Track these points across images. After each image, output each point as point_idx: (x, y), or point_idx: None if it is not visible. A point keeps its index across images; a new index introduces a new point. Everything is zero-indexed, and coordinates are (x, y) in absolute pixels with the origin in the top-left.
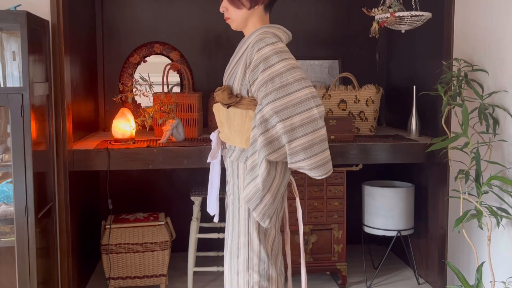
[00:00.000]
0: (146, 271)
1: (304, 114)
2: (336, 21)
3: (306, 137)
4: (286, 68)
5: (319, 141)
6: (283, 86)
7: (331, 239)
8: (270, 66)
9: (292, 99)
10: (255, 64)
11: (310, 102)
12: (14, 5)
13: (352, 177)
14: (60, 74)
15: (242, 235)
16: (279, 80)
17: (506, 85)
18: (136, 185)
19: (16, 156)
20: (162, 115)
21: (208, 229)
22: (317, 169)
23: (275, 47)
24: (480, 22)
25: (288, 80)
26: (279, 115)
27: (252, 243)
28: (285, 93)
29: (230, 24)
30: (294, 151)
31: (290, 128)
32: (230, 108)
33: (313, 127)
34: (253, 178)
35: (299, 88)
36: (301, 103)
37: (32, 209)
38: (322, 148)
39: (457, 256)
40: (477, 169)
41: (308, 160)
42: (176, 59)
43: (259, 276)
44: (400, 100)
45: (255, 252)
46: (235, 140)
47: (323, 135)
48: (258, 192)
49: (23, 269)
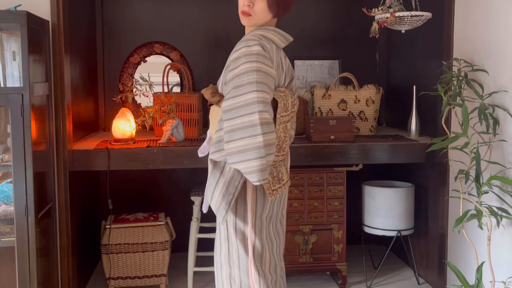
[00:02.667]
0: (146, 271)
1: (245, 118)
2: (336, 21)
3: (242, 140)
4: (246, 70)
5: (255, 148)
6: (236, 87)
7: (331, 239)
8: (236, 67)
9: (239, 101)
10: (227, 64)
11: (254, 106)
12: (14, 5)
13: (352, 177)
14: (60, 74)
15: (222, 230)
16: (236, 80)
17: (506, 85)
18: (136, 185)
19: (16, 156)
20: (162, 115)
21: (208, 229)
22: (251, 174)
23: (248, 50)
24: (480, 22)
25: (242, 82)
26: (225, 115)
27: (230, 238)
28: (236, 94)
29: (245, 19)
30: (230, 152)
31: (231, 129)
32: (213, 106)
33: (250, 132)
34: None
35: (249, 91)
36: (245, 106)
37: (32, 209)
38: (257, 155)
39: (457, 256)
40: (477, 169)
41: (242, 163)
42: (176, 59)
43: (239, 270)
44: (400, 100)
45: (234, 248)
46: None
47: (259, 142)
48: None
49: (23, 269)
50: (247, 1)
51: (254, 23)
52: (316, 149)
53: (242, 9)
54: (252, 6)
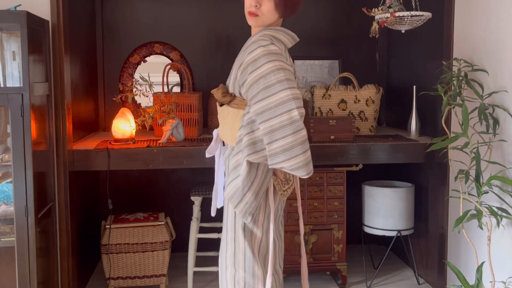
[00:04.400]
0: (146, 271)
1: (283, 116)
2: (336, 21)
3: (285, 139)
4: (271, 69)
5: (300, 143)
6: (266, 87)
7: (331, 239)
8: (257, 68)
9: (273, 100)
10: (245, 65)
11: (291, 103)
12: (14, 5)
13: (352, 177)
14: (60, 74)
15: (229, 230)
16: (263, 81)
17: (506, 85)
18: (136, 185)
19: (16, 156)
20: (162, 115)
21: (208, 229)
22: (299, 170)
23: (266, 49)
24: (480, 22)
25: (271, 82)
26: (260, 117)
27: (237, 239)
28: (267, 94)
29: (252, 20)
30: (274, 153)
31: (270, 130)
32: (224, 106)
33: (293, 129)
34: (235, 177)
35: (281, 90)
36: (281, 105)
37: (32, 209)
38: (303, 149)
39: (457, 256)
40: (477, 169)
41: (289, 161)
42: (176, 59)
43: (244, 272)
44: (400, 100)
45: (240, 249)
46: (227, 138)
47: (303, 137)
48: (238, 190)
49: (23, 269)
50: (254, 2)
51: (261, 23)
52: (316, 149)
53: (249, 10)
54: (259, 7)
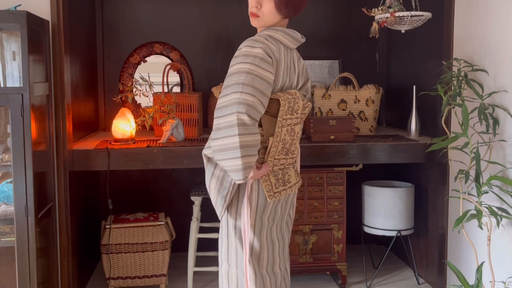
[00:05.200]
0: (146, 271)
1: (228, 117)
2: (336, 21)
3: (223, 139)
4: (238, 70)
5: (231, 148)
6: (226, 86)
7: (331, 239)
8: (231, 66)
9: (225, 100)
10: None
11: (234, 107)
12: (14, 5)
13: (352, 177)
14: (60, 74)
15: (223, 227)
16: (227, 80)
17: (506, 85)
18: (136, 185)
19: (16, 156)
20: (162, 115)
21: (208, 229)
22: (231, 173)
23: (248, 50)
24: (480, 22)
25: (230, 82)
26: (215, 112)
27: (229, 236)
28: (224, 93)
29: (253, 21)
30: (215, 150)
31: (216, 127)
32: None
33: (229, 132)
34: None
35: (232, 92)
36: (228, 106)
37: (32, 209)
38: (233, 155)
39: (457, 256)
40: (477, 169)
41: (224, 162)
42: (176, 59)
43: (236, 269)
44: (400, 100)
45: (232, 246)
46: None
47: (235, 143)
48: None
49: (23, 269)
50: (254, 2)
51: (262, 24)
52: (316, 149)
53: (251, 11)
54: (259, 8)
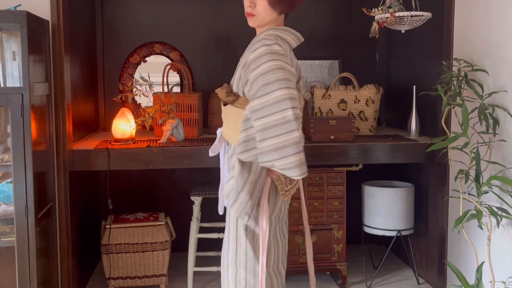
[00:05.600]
0: (146, 271)
1: (278, 115)
2: (336, 21)
3: (278, 138)
4: (271, 68)
5: (292, 143)
6: (264, 85)
7: (331, 239)
8: (258, 66)
9: (269, 98)
10: (248, 64)
11: (286, 103)
12: (14, 5)
13: (352, 177)
14: (60, 74)
15: (231, 229)
16: (262, 79)
17: (506, 85)
18: (136, 185)
19: (16, 156)
20: (162, 115)
21: (208, 229)
22: (290, 170)
23: (269, 48)
24: (480, 22)
25: (270, 80)
26: (256, 114)
27: (239, 238)
28: (264, 92)
29: (250, 21)
30: (265, 151)
31: (263, 128)
32: (227, 106)
33: (286, 129)
34: (232, 177)
35: (277, 88)
36: (276, 103)
37: (32, 209)
38: (295, 150)
39: (457, 256)
40: (477, 169)
41: (280, 160)
42: (176, 59)
43: (245, 271)
44: (400, 100)
45: (242, 248)
46: (231, 137)
47: (296, 138)
48: (233, 190)
49: (23, 269)
50: (248, 2)
51: (259, 23)
52: (316, 149)
53: (246, 11)
54: (254, 7)
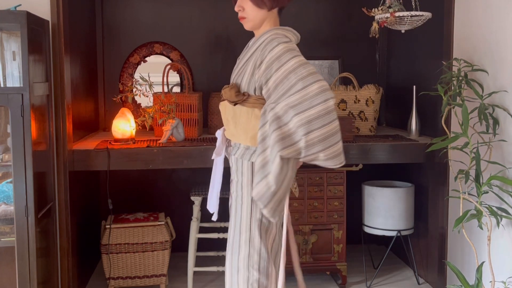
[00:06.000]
0: (146, 271)
1: (320, 106)
2: (336, 21)
3: (323, 128)
4: (299, 63)
5: (335, 132)
6: (300, 80)
7: (331, 239)
8: (283, 64)
9: (308, 91)
10: (268, 64)
11: (326, 94)
12: (14, 5)
13: (352, 177)
14: (60, 74)
15: (243, 231)
16: (294, 75)
17: (506, 85)
18: (136, 185)
19: (16, 156)
20: (162, 115)
21: (208, 229)
22: (334, 159)
23: (287, 46)
24: (480, 22)
25: (303, 74)
26: (295, 109)
27: (253, 240)
28: (301, 86)
29: (244, 24)
30: (311, 143)
31: (307, 121)
32: (237, 106)
33: (329, 119)
34: (264, 176)
35: (314, 81)
36: (317, 95)
37: (32, 209)
38: (337, 139)
39: (457, 256)
40: (477, 169)
41: (325, 151)
42: (176, 59)
43: (258, 273)
44: (400, 100)
45: (256, 249)
46: (240, 137)
47: (337, 126)
48: (270, 189)
49: (23, 269)
50: (237, 7)
51: (252, 24)
52: None
53: (239, 16)
54: (243, 10)
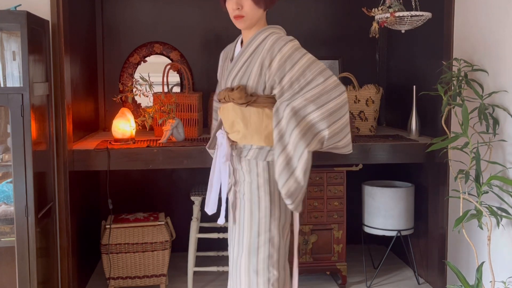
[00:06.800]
0: (146, 271)
1: (338, 99)
2: (336, 21)
3: (341, 119)
4: (311, 60)
5: (348, 123)
6: (317, 75)
7: (331, 239)
8: (296, 62)
9: (325, 86)
10: (280, 63)
11: (341, 87)
12: (14, 5)
13: (352, 177)
14: (60, 74)
15: (262, 232)
16: (309, 72)
17: (506, 85)
18: (136, 185)
19: (16, 156)
20: (162, 115)
21: (208, 229)
22: (348, 146)
23: (294, 44)
24: (480, 22)
25: (318, 70)
26: (315, 103)
27: (272, 239)
28: (319, 81)
29: (240, 23)
30: (334, 133)
31: (328, 113)
32: (246, 107)
33: (344, 111)
34: (291, 173)
35: (328, 76)
36: (333, 89)
37: (32, 209)
38: (349, 128)
39: (457, 256)
40: (477, 169)
41: (344, 139)
42: (176, 59)
43: (278, 272)
44: (400, 100)
45: (275, 248)
46: (253, 139)
47: (347, 118)
48: (299, 185)
49: (23, 269)
50: (235, 5)
51: (249, 23)
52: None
53: (234, 14)
54: (241, 8)
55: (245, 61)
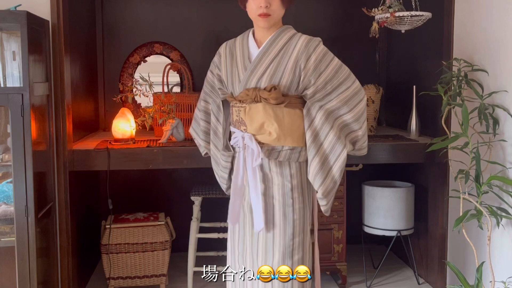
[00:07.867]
0: (146, 271)
1: (363, 102)
2: (336, 21)
3: (365, 121)
4: (340, 63)
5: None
6: (346, 78)
7: (331, 239)
8: (329, 63)
9: (354, 88)
10: (316, 63)
11: (363, 91)
12: (14, 5)
13: (352, 177)
14: (60, 74)
15: (297, 235)
16: (341, 74)
17: (506, 85)
18: (136, 185)
19: (16, 156)
20: (162, 115)
21: (208, 229)
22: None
23: (323, 46)
24: (480, 22)
25: (346, 73)
26: (348, 105)
27: (304, 241)
28: (348, 84)
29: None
30: (364, 133)
31: (360, 114)
32: (279, 107)
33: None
34: (328, 173)
35: (354, 79)
36: (359, 92)
37: (32, 209)
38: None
39: (457, 256)
40: (477, 169)
41: (366, 140)
42: (176, 59)
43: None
44: (400, 100)
45: (306, 249)
46: (287, 140)
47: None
48: (336, 184)
49: (23, 269)
50: (264, 3)
51: (273, 22)
52: None
53: (260, 12)
54: (270, 6)
55: (272, 60)
